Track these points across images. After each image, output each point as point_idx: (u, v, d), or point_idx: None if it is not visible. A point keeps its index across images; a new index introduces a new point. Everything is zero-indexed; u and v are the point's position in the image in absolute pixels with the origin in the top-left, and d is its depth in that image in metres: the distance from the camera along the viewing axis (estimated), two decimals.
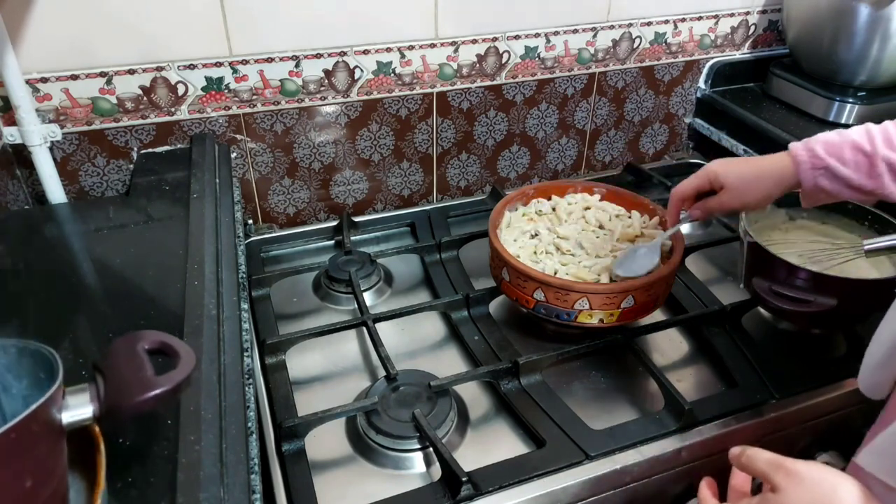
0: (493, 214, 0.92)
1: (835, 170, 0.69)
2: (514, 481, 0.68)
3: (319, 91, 1.05)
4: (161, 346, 0.48)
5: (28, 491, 0.39)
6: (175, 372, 0.46)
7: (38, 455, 0.40)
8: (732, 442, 0.75)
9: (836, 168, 0.69)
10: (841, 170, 0.69)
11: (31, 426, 0.39)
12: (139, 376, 0.45)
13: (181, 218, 0.83)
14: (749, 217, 0.85)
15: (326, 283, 0.98)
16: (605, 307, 0.81)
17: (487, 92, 1.15)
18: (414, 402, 0.76)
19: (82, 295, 0.72)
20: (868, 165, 0.68)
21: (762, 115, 1.19)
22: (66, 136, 0.96)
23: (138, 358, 0.47)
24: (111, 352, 0.47)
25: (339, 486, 0.70)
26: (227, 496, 0.50)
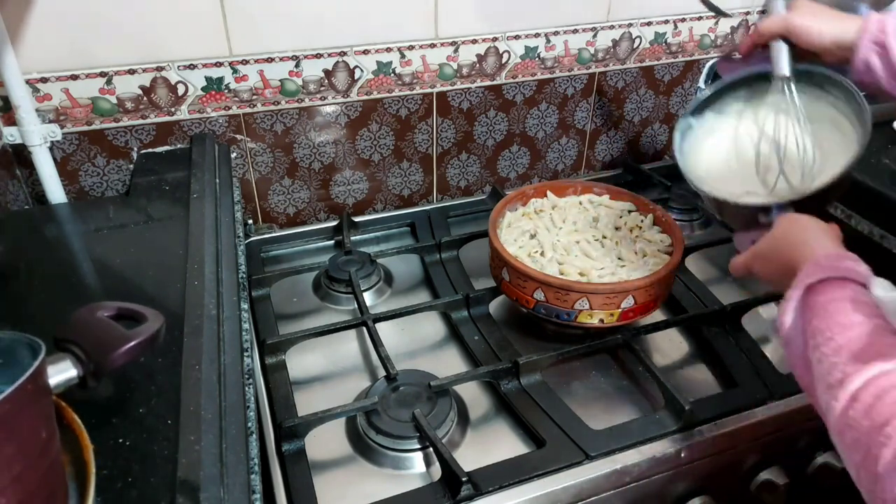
0: (493, 214, 0.92)
1: (891, 50, 0.65)
2: (514, 481, 0.68)
3: (319, 91, 1.05)
4: (119, 310, 0.52)
5: (44, 441, 0.42)
6: (145, 326, 0.50)
7: (45, 412, 0.43)
8: (732, 442, 0.75)
9: (892, 49, 0.65)
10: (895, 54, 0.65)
11: (38, 381, 0.42)
12: (113, 335, 0.49)
13: (181, 218, 0.83)
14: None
15: (326, 283, 0.98)
16: (605, 307, 0.81)
17: (487, 92, 1.15)
18: (414, 402, 0.76)
19: (82, 295, 0.72)
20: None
21: None
22: (66, 136, 0.95)
23: (103, 322, 0.50)
24: (73, 325, 0.50)
25: (339, 486, 0.70)
26: (227, 496, 0.50)
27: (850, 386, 0.45)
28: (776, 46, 0.75)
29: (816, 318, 0.52)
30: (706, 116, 0.83)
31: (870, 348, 0.46)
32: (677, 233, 0.89)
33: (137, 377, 0.59)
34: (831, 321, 0.50)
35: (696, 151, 0.82)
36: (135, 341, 0.48)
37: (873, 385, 0.43)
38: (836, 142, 0.75)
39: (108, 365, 0.47)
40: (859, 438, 0.43)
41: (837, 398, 0.45)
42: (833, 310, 0.51)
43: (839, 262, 0.54)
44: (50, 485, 0.43)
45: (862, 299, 0.51)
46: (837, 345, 0.48)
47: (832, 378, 0.47)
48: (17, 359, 0.43)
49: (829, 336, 0.49)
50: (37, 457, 0.41)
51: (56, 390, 0.47)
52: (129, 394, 0.58)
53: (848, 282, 0.52)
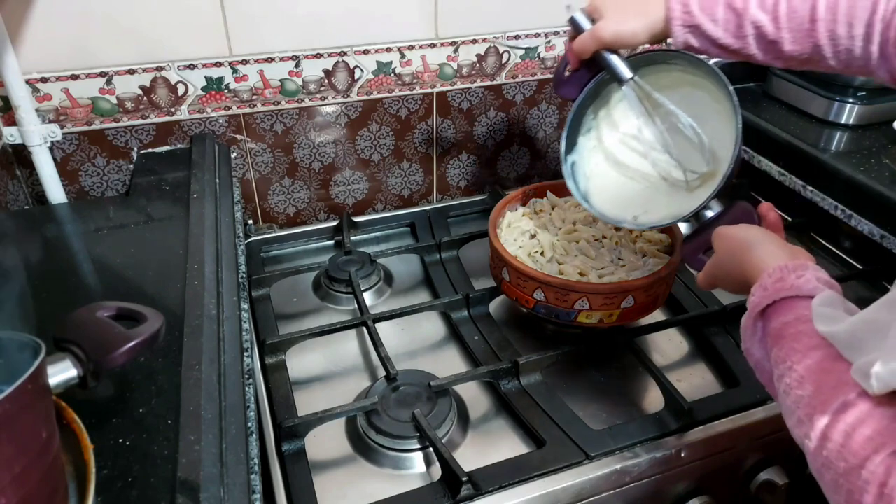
0: (493, 214, 0.92)
1: (704, 28, 0.69)
2: (514, 481, 0.68)
3: (319, 91, 1.05)
4: (119, 310, 0.52)
5: (44, 441, 0.42)
6: (145, 326, 0.50)
7: (45, 412, 0.43)
8: (732, 442, 0.75)
9: (706, 27, 0.69)
10: (710, 28, 0.69)
11: (38, 381, 0.42)
12: (112, 335, 0.49)
13: (181, 218, 0.83)
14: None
15: (326, 283, 0.98)
16: (605, 307, 0.81)
17: (487, 92, 1.15)
18: (414, 402, 0.76)
19: (82, 295, 0.72)
20: (736, 25, 0.68)
21: (762, 115, 1.19)
22: (66, 136, 0.95)
23: (103, 322, 0.50)
24: (73, 325, 0.50)
25: (339, 486, 0.70)
26: (227, 496, 0.50)
27: (818, 424, 0.43)
28: (603, 58, 0.76)
29: (776, 346, 0.51)
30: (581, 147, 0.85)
31: (829, 377, 0.45)
32: (677, 233, 0.89)
33: (137, 377, 0.59)
34: (789, 349, 0.49)
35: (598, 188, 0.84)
36: (135, 341, 0.48)
37: (841, 421, 0.42)
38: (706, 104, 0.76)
39: (108, 365, 0.47)
40: (838, 480, 0.42)
41: (809, 437, 0.44)
42: (788, 335, 0.50)
43: (784, 280, 0.53)
44: (50, 485, 0.43)
45: (812, 317, 0.50)
46: (799, 375, 0.47)
47: (801, 413, 0.46)
48: (17, 359, 0.43)
49: (790, 366, 0.48)
50: (37, 457, 0.41)
51: (56, 390, 0.47)
52: (129, 394, 0.58)
53: (797, 299, 0.52)
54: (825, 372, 0.45)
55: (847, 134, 1.12)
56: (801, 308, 0.51)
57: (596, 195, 0.84)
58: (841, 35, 0.64)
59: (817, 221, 1.07)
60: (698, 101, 0.77)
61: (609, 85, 0.82)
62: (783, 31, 0.66)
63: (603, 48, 0.74)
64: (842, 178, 1.00)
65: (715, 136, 0.75)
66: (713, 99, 0.76)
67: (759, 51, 0.69)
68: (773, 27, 0.67)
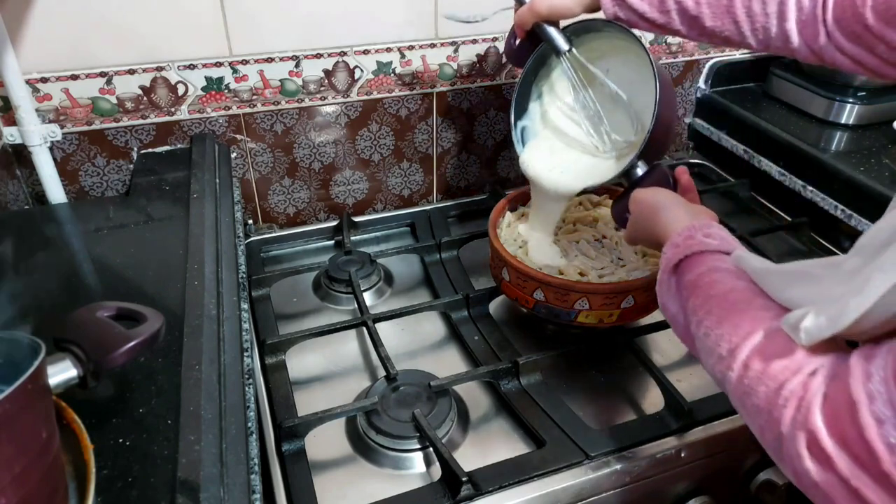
0: (493, 214, 0.92)
1: (630, 2, 0.72)
2: (514, 481, 0.68)
3: (319, 91, 1.05)
4: (119, 310, 0.52)
5: (44, 441, 0.42)
6: (145, 326, 0.50)
7: (45, 412, 0.43)
8: (732, 442, 0.75)
9: (631, 1, 0.72)
10: (636, 3, 0.72)
11: (38, 381, 0.42)
12: (112, 335, 0.49)
13: (181, 218, 0.83)
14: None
15: (326, 283, 0.98)
16: (605, 307, 0.81)
17: (487, 92, 1.15)
18: (414, 402, 0.76)
19: (82, 295, 0.72)
20: (659, 1, 0.70)
21: (762, 115, 1.19)
22: (66, 136, 0.96)
23: (103, 322, 0.50)
24: (73, 325, 0.50)
25: (339, 486, 0.70)
26: (227, 496, 0.50)
27: (740, 355, 0.46)
28: (542, 29, 0.80)
29: (693, 295, 0.54)
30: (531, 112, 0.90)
31: (747, 314, 0.48)
32: None
33: (137, 377, 0.59)
34: (705, 295, 0.53)
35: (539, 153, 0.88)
36: (135, 341, 0.48)
37: (760, 351, 0.45)
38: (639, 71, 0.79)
39: (108, 365, 0.47)
40: (758, 404, 0.44)
41: (732, 368, 0.47)
42: (703, 284, 0.54)
43: (693, 238, 0.57)
44: (50, 484, 0.43)
45: (723, 267, 0.54)
46: (718, 317, 0.50)
47: (721, 349, 0.49)
48: (17, 359, 0.43)
49: (709, 310, 0.52)
50: (37, 457, 0.41)
51: (56, 390, 0.47)
52: (129, 394, 0.58)
53: (707, 253, 0.56)
54: (743, 310, 0.49)
55: (847, 134, 1.12)
56: (712, 260, 0.55)
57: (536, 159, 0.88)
58: (756, 11, 0.65)
59: (817, 221, 1.07)
60: (633, 69, 0.80)
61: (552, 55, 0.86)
62: (702, 6, 0.68)
63: (541, 20, 0.79)
64: (842, 178, 1.00)
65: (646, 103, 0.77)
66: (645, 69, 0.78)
67: (684, 26, 0.71)
68: (693, 2, 0.68)
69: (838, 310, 0.39)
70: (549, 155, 0.87)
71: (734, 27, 0.67)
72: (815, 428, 0.39)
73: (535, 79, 0.89)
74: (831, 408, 0.39)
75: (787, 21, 0.63)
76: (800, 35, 0.63)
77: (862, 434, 0.36)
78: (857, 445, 0.37)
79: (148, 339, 0.49)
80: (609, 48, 0.82)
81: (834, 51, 0.62)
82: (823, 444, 0.38)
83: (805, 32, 0.63)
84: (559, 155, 0.87)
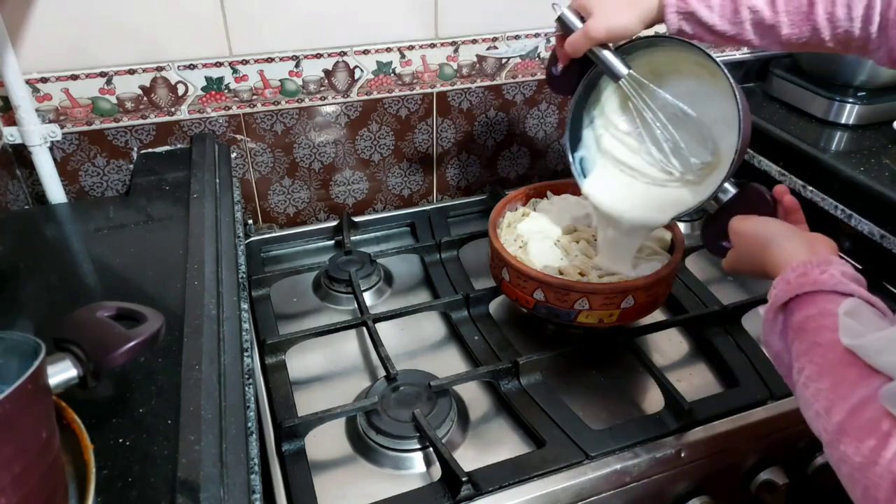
0: (493, 214, 0.92)
1: (699, 14, 0.68)
2: (514, 481, 0.68)
3: (319, 91, 1.05)
4: (119, 310, 0.52)
5: (44, 441, 0.42)
6: (145, 326, 0.50)
7: (45, 412, 0.43)
8: (732, 442, 0.75)
9: (700, 13, 0.68)
10: (706, 15, 0.68)
11: (38, 381, 0.42)
12: (112, 335, 0.49)
13: (181, 218, 0.83)
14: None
15: (326, 283, 0.98)
16: (605, 307, 0.81)
17: (487, 92, 1.15)
18: (414, 402, 0.76)
19: (82, 295, 0.72)
20: (732, 10, 0.67)
21: (762, 115, 1.19)
22: (66, 136, 0.95)
23: (103, 322, 0.50)
24: (73, 325, 0.50)
25: (339, 486, 0.70)
26: (227, 496, 0.50)
27: (835, 418, 0.44)
28: (597, 55, 0.74)
29: (798, 339, 0.51)
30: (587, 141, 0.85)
31: (849, 371, 0.45)
32: (677, 232, 0.89)
33: (137, 377, 0.59)
34: (810, 342, 0.50)
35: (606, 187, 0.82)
36: (135, 341, 0.48)
37: (857, 417, 0.43)
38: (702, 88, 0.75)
39: (108, 365, 0.47)
40: (853, 474, 0.42)
41: (827, 430, 0.45)
42: (811, 329, 0.50)
43: (807, 275, 0.53)
44: (50, 484, 0.43)
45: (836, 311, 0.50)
46: (819, 368, 0.48)
47: (819, 405, 0.46)
48: (17, 359, 0.43)
49: (811, 358, 0.49)
50: (37, 457, 0.41)
51: (56, 390, 0.47)
52: (129, 394, 0.58)
53: (820, 294, 0.52)
54: (845, 366, 0.46)
55: (847, 134, 1.12)
56: (824, 302, 0.51)
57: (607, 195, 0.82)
58: (840, 17, 0.63)
59: (817, 221, 1.06)
60: (694, 86, 0.76)
61: (602, 76, 0.80)
62: (781, 14, 0.66)
63: (596, 45, 0.73)
64: (842, 178, 1.00)
65: (715, 119, 0.74)
66: (709, 82, 0.74)
67: (756, 36, 0.68)
68: (770, 11, 0.66)
69: None
70: (614, 185, 0.82)
71: (813, 33, 0.65)
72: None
73: (587, 104, 0.83)
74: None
75: (872, 24, 0.62)
76: (882, 38, 0.62)
77: None
78: None
79: (148, 339, 0.49)
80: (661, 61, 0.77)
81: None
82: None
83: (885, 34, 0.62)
84: (626, 185, 0.81)
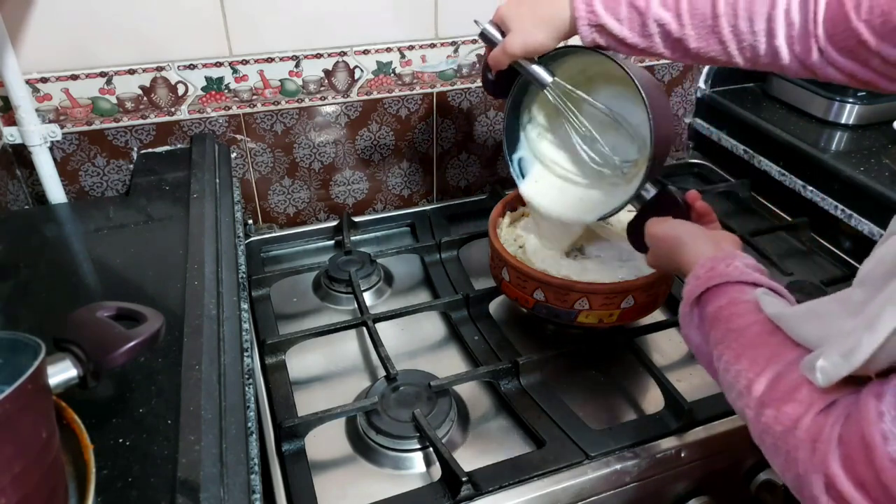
0: (493, 214, 0.92)
1: (610, 27, 0.69)
2: (514, 481, 0.68)
3: (319, 91, 1.05)
4: (119, 310, 0.52)
5: (44, 441, 0.42)
6: (145, 326, 0.50)
7: (45, 412, 0.43)
8: (732, 442, 0.75)
9: (611, 26, 0.68)
10: (615, 27, 0.68)
11: (38, 381, 0.42)
12: (112, 335, 0.49)
13: (181, 218, 0.83)
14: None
15: (326, 283, 0.98)
16: (605, 307, 0.81)
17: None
18: (414, 402, 0.76)
19: (82, 295, 0.72)
20: (640, 24, 0.67)
21: (762, 115, 1.19)
22: (66, 136, 0.95)
23: (103, 322, 0.50)
24: (73, 325, 0.50)
25: (339, 486, 0.70)
26: (227, 496, 0.50)
27: (755, 392, 0.46)
28: (521, 66, 0.76)
29: (713, 328, 0.54)
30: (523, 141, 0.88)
31: (764, 350, 0.48)
32: None
33: (137, 377, 0.59)
34: (725, 329, 0.52)
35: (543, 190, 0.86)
36: (135, 341, 0.48)
37: (775, 389, 0.45)
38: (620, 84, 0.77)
39: (108, 365, 0.47)
40: (776, 443, 0.44)
41: (749, 406, 0.47)
42: (723, 317, 0.53)
43: (714, 269, 0.57)
44: (50, 484, 0.43)
45: (744, 299, 0.53)
46: (736, 352, 0.50)
47: (740, 385, 0.49)
48: (17, 359, 0.43)
49: (728, 344, 0.51)
50: (37, 456, 0.41)
51: (56, 390, 0.47)
52: (129, 394, 0.58)
53: (728, 285, 0.55)
54: (759, 346, 0.49)
55: (847, 134, 1.12)
56: (733, 292, 0.54)
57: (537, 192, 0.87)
58: (743, 30, 0.63)
59: (817, 221, 1.07)
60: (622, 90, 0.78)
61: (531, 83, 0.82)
62: (686, 27, 0.66)
63: (515, 60, 0.75)
64: (842, 178, 1.00)
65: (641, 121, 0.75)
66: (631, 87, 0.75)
67: (667, 49, 0.68)
68: (676, 24, 0.66)
69: (850, 347, 0.38)
70: (548, 187, 0.86)
71: (720, 47, 0.65)
72: (832, 472, 0.39)
73: (520, 109, 0.87)
74: (846, 450, 0.39)
75: (776, 38, 0.62)
76: (790, 51, 0.62)
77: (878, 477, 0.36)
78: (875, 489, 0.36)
79: (148, 339, 0.49)
80: (590, 67, 0.79)
81: (826, 66, 0.60)
82: (841, 488, 0.38)
83: (796, 49, 0.61)
84: (558, 186, 0.86)
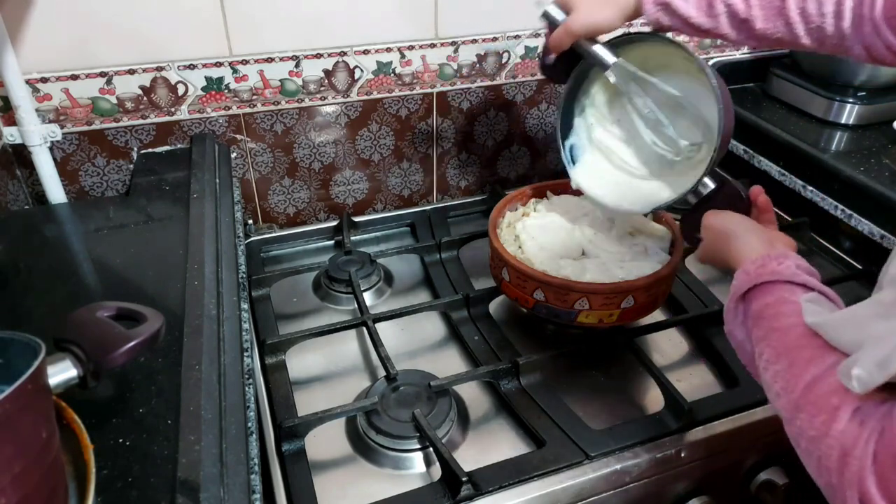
0: (493, 214, 0.92)
1: (675, 6, 0.69)
2: (514, 481, 0.68)
3: (319, 91, 1.05)
4: (119, 310, 0.52)
5: (44, 441, 0.42)
6: (145, 326, 0.50)
7: (45, 412, 0.43)
8: (732, 442, 0.75)
9: (676, 4, 0.69)
10: (681, 6, 0.69)
11: (38, 381, 0.42)
12: (112, 335, 0.49)
13: (181, 218, 0.83)
14: None
15: (326, 283, 0.98)
16: (605, 307, 0.81)
17: (487, 92, 1.15)
18: (414, 402, 0.76)
19: (82, 295, 0.72)
20: (707, 4, 0.68)
21: (762, 115, 1.19)
22: (66, 136, 0.95)
23: (103, 322, 0.50)
24: (73, 325, 0.50)
25: (339, 486, 0.70)
26: (227, 496, 0.50)
27: (791, 395, 0.47)
28: (582, 47, 0.76)
29: (756, 326, 0.54)
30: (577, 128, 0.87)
31: (805, 352, 0.48)
32: (677, 232, 0.89)
33: (137, 377, 0.59)
34: (767, 328, 0.52)
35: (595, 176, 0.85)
36: (135, 341, 0.48)
37: (811, 393, 0.45)
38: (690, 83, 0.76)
39: (108, 365, 0.47)
40: (809, 447, 0.45)
41: (786, 408, 0.47)
42: (768, 315, 0.53)
43: (765, 266, 0.56)
44: (50, 484, 0.43)
45: (792, 299, 0.53)
46: (776, 351, 0.50)
47: (778, 386, 0.49)
48: (17, 359, 0.43)
49: (769, 343, 0.52)
50: (37, 456, 0.41)
51: (56, 390, 0.47)
52: (129, 394, 0.58)
53: (777, 283, 0.55)
54: (799, 349, 0.48)
55: (847, 134, 1.12)
56: (781, 291, 0.54)
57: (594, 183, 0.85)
58: (812, 12, 0.64)
59: (817, 221, 1.07)
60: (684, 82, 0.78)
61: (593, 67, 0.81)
62: (754, 8, 0.66)
63: (578, 40, 0.75)
64: (842, 178, 1.00)
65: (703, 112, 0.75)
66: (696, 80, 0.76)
67: (732, 30, 0.69)
68: (744, 5, 0.66)
69: (885, 355, 0.38)
70: (601, 174, 0.84)
71: (787, 29, 0.65)
72: (869, 492, 0.39)
73: (578, 94, 0.85)
74: (881, 469, 0.39)
75: (844, 20, 0.62)
76: (857, 35, 0.62)
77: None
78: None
79: (148, 339, 0.49)
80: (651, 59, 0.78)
81: (884, 48, 0.61)
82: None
83: (860, 30, 0.62)
84: (612, 175, 0.84)
